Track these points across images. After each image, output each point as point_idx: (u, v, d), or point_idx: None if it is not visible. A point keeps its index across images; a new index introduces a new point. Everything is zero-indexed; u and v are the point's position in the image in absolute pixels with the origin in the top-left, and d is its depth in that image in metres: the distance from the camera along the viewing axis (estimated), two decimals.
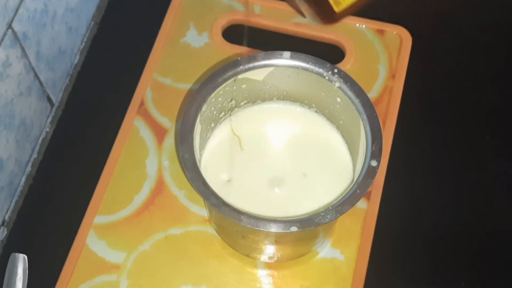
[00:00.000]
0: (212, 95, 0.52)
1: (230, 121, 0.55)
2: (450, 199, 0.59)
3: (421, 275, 0.56)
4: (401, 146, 0.60)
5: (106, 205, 0.57)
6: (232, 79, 0.52)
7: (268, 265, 0.55)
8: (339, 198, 0.48)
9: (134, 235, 0.56)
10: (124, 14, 0.69)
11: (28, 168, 0.62)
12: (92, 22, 0.69)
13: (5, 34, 0.54)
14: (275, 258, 0.55)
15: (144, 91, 0.62)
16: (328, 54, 0.62)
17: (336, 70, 0.51)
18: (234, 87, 0.53)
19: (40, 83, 0.61)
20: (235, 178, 0.54)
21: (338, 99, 0.51)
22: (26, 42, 0.57)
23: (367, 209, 0.57)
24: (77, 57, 0.67)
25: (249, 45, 0.64)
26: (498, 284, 0.56)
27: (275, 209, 0.52)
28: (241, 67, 0.52)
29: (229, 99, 0.54)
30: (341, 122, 0.53)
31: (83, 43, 0.68)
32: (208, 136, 0.55)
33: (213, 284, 0.55)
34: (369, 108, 0.50)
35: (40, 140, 0.63)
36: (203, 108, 0.51)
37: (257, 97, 0.55)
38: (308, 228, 0.46)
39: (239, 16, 0.66)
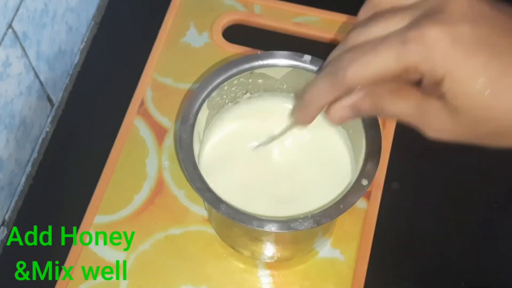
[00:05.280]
0: (225, 83, 0.51)
1: (236, 112, 0.55)
2: (450, 199, 0.59)
3: (421, 275, 0.56)
4: (401, 146, 0.60)
5: (106, 205, 0.57)
6: (249, 72, 0.52)
7: (268, 265, 0.55)
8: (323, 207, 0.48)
9: (134, 235, 0.56)
10: (124, 14, 0.69)
11: (28, 168, 0.62)
12: (92, 22, 0.69)
13: (5, 33, 0.54)
14: (275, 258, 0.55)
15: (144, 91, 0.62)
16: (328, 54, 0.62)
17: None
18: (250, 80, 0.53)
19: (40, 82, 0.61)
20: (234, 173, 0.53)
21: (358, 135, 0.51)
22: (26, 42, 0.57)
23: (367, 209, 0.57)
24: (77, 57, 0.67)
25: (249, 45, 0.64)
26: (498, 284, 0.56)
27: (272, 207, 0.52)
28: (259, 61, 0.52)
29: (244, 91, 0.54)
30: (350, 131, 0.53)
31: (83, 43, 0.68)
32: (214, 123, 0.54)
33: (213, 284, 0.55)
34: (374, 130, 0.49)
35: (40, 140, 0.63)
36: (213, 94, 0.51)
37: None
38: (282, 231, 0.46)
39: (239, 16, 0.66)
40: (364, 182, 0.47)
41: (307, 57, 0.52)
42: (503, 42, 0.36)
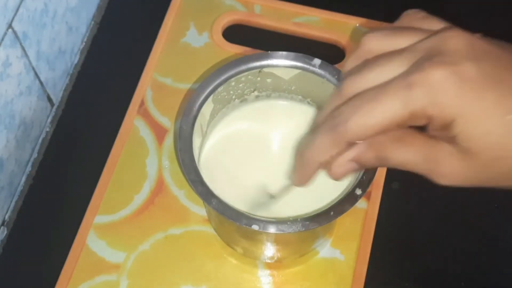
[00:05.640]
0: (233, 79, 0.51)
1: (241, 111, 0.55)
2: (451, 199, 0.59)
3: (421, 275, 0.56)
4: None
5: (106, 205, 0.57)
6: (257, 70, 0.52)
7: (268, 265, 0.55)
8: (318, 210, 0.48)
9: (134, 235, 0.56)
10: (124, 14, 0.69)
11: (28, 168, 0.62)
12: (92, 22, 0.69)
13: (5, 33, 0.54)
14: (275, 258, 0.55)
15: (144, 91, 0.62)
16: (328, 54, 0.62)
17: None
18: (259, 78, 0.53)
19: (40, 82, 0.61)
20: (233, 171, 0.53)
21: None
22: (26, 42, 0.57)
23: (367, 209, 0.57)
24: (77, 57, 0.67)
25: (249, 45, 0.64)
26: (498, 284, 0.56)
27: (271, 208, 0.52)
28: (268, 60, 0.51)
29: (252, 89, 0.53)
30: None
31: (83, 43, 0.68)
32: (219, 118, 0.54)
33: (213, 284, 0.55)
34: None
35: (40, 140, 0.63)
36: (220, 89, 0.51)
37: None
38: (269, 232, 0.46)
39: (239, 16, 0.66)
40: (358, 191, 0.47)
41: (317, 61, 0.51)
42: (510, 77, 0.34)
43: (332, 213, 0.47)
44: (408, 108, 0.34)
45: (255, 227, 0.46)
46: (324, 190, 0.51)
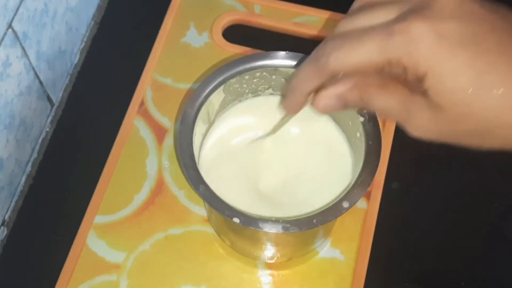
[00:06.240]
0: (247, 73, 0.51)
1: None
2: (451, 199, 0.59)
3: (421, 275, 0.56)
4: (401, 146, 0.60)
5: (106, 205, 0.57)
6: (273, 68, 0.52)
7: (268, 265, 0.55)
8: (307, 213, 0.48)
9: (134, 235, 0.56)
10: (124, 14, 0.69)
11: (28, 168, 0.62)
12: (92, 22, 0.69)
13: (5, 33, 0.54)
14: (275, 258, 0.55)
15: (144, 91, 0.62)
16: None
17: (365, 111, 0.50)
18: (274, 77, 0.52)
19: (40, 82, 0.61)
20: (232, 164, 0.53)
21: (358, 134, 0.51)
22: (26, 42, 0.57)
23: (367, 209, 0.57)
24: (77, 57, 0.67)
25: (249, 45, 0.64)
26: (498, 284, 0.56)
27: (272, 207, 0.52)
28: (283, 60, 0.51)
29: (266, 86, 0.53)
30: (351, 134, 0.53)
31: (83, 43, 0.68)
32: (229, 109, 0.54)
33: (213, 284, 0.55)
34: (374, 155, 0.49)
35: (40, 140, 0.63)
36: (232, 80, 0.51)
37: None
38: (249, 227, 0.46)
39: (239, 16, 0.66)
40: (346, 204, 0.47)
41: None
42: (490, 40, 0.36)
43: (314, 220, 0.46)
44: (384, 54, 0.36)
45: (236, 220, 0.46)
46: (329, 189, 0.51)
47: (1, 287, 0.57)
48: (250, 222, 0.46)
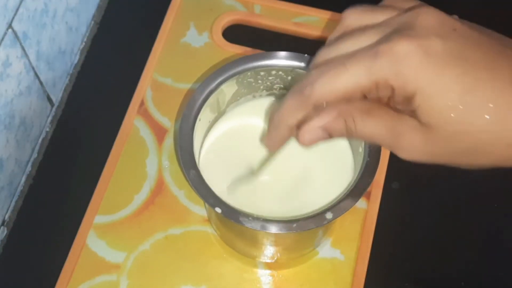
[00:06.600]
0: (263, 69, 0.51)
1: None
2: (451, 199, 0.59)
3: (421, 275, 0.56)
4: None
5: (106, 205, 0.57)
6: (290, 69, 0.51)
7: (268, 265, 0.55)
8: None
9: (134, 235, 0.56)
10: (124, 14, 0.69)
11: (28, 168, 0.62)
12: (92, 22, 0.69)
13: (5, 33, 0.54)
14: (275, 258, 0.55)
15: (144, 91, 0.62)
16: None
17: None
18: (290, 77, 0.52)
19: (40, 82, 0.61)
20: (235, 158, 0.53)
21: (360, 149, 0.51)
22: (26, 42, 0.57)
23: (367, 209, 0.57)
24: (77, 57, 0.67)
25: (249, 45, 0.64)
26: (498, 284, 0.56)
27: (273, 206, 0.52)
28: (300, 63, 0.51)
29: (282, 85, 0.53)
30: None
31: (83, 43, 0.68)
32: (242, 102, 0.54)
33: (213, 284, 0.55)
34: (369, 172, 0.48)
35: (40, 140, 0.63)
36: (247, 73, 0.51)
37: None
38: (228, 219, 0.46)
39: (239, 16, 0.66)
40: (329, 215, 0.46)
41: None
42: (475, 56, 0.35)
43: (295, 225, 0.46)
44: (371, 76, 0.35)
45: (217, 210, 0.46)
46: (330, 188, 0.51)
47: (1, 287, 0.57)
48: (231, 214, 0.46)
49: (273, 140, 0.42)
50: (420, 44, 0.35)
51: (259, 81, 0.53)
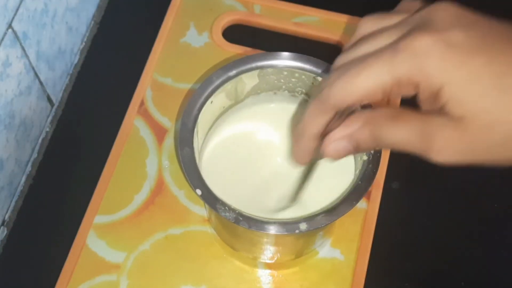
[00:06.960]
0: (286, 69, 0.51)
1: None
2: (451, 199, 0.59)
3: (421, 275, 0.56)
4: None
5: (106, 205, 0.57)
6: (313, 76, 0.51)
7: (268, 265, 0.55)
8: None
9: (134, 235, 0.56)
10: (124, 14, 0.69)
11: (28, 168, 0.62)
12: (92, 22, 0.69)
13: (5, 33, 0.54)
14: (275, 258, 0.55)
15: (144, 91, 0.62)
16: (328, 54, 0.62)
17: None
18: (312, 83, 0.52)
19: (40, 82, 0.61)
20: (236, 167, 0.53)
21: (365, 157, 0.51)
22: (26, 42, 0.57)
23: (367, 209, 0.57)
24: (77, 57, 0.67)
25: (249, 45, 0.64)
26: (498, 284, 0.56)
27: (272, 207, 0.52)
28: (312, 68, 0.51)
29: (303, 90, 0.53)
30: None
31: (83, 43, 0.68)
32: (260, 97, 0.54)
33: (213, 284, 0.55)
34: (364, 188, 0.48)
35: (40, 140, 0.63)
36: (270, 70, 0.51)
37: None
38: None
39: (239, 16, 0.66)
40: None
41: None
42: (500, 44, 0.34)
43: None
44: (393, 73, 0.34)
45: (198, 191, 0.46)
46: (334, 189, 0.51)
47: (1, 287, 0.57)
48: (209, 199, 0.46)
49: (298, 153, 0.40)
50: (441, 36, 0.34)
51: (282, 80, 0.53)
